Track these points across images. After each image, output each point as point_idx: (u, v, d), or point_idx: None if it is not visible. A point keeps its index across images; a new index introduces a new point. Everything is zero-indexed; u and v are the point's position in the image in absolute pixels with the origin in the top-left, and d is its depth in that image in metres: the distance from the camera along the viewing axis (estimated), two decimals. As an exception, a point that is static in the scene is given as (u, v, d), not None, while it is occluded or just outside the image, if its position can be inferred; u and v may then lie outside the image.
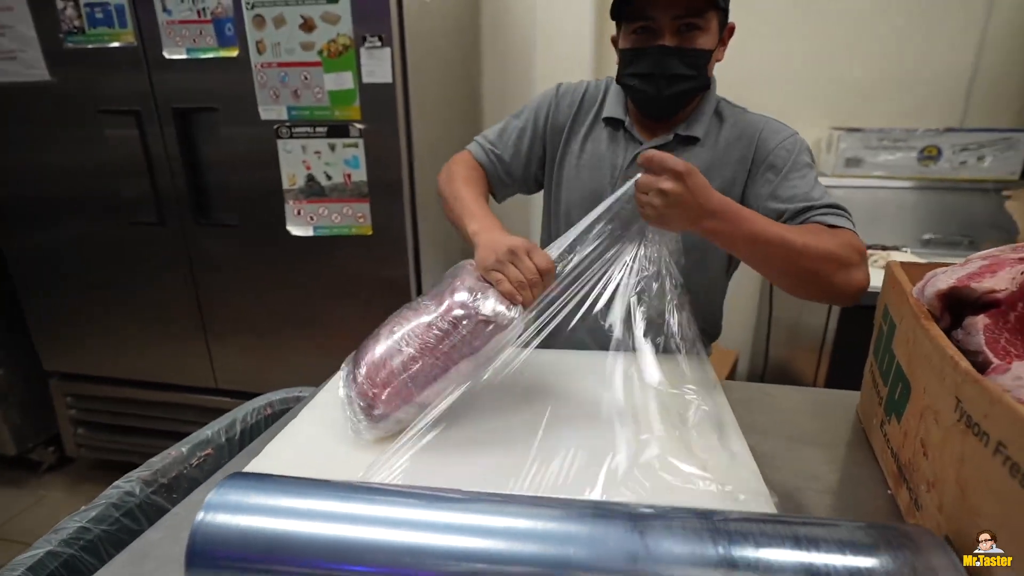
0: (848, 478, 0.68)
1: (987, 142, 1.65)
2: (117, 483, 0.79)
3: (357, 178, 1.40)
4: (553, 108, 1.00)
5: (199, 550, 0.40)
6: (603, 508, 0.45)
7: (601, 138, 0.97)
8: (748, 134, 0.91)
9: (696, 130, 0.91)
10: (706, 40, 0.84)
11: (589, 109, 0.99)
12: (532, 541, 0.42)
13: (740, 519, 0.44)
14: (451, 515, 0.43)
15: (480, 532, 0.42)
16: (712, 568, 0.40)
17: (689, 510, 0.45)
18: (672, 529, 0.42)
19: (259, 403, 1.03)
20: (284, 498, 0.44)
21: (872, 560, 0.39)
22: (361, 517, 0.43)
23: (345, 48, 1.30)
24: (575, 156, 0.98)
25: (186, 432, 1.85)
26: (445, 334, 0.64)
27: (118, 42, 1.42)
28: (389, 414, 0.64)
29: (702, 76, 0.87)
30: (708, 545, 0.41)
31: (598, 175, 0.96)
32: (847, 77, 1.83)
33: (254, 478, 0.46)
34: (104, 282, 1.68)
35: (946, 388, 0.46)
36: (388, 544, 0.41)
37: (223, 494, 0.43)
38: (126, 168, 1.53)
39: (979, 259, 0.56)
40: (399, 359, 0.65)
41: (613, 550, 0.41)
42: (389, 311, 1.51)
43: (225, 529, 0.41)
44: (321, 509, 0.43)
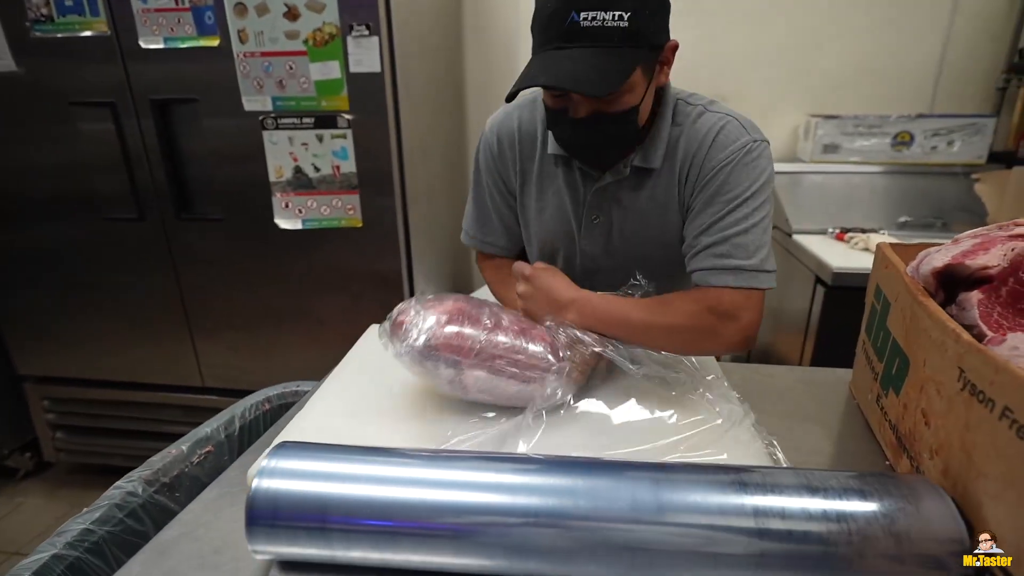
0: (846, 451, 0.71)
1: (956, 127, 1.72)
2: (119, 483, 0.78)
3: (346, 169, 1.39)
4: (497, 161, 0.92)
5: (257, 512, 0.46)
6: (629, 465, 0.49)
7: (556, 175, 0.89)
8: (700, 145, 0.80)
9: (652, 161, 0.82)
10: (630, 98, 0.73)
11: (531, 144, 0.89)
12: (570, 496, 0.45)
13: (756, 470, 0.48)
14: (498, 475, 0.47)
15: (522, 490, 0.46)
16: (741, 516, 0.44)
17: (706, 465, 0.49)
18: (695, 482, 0.46)
19: (257, 398, 1.01)
20: (329, 463, 0.49)
21: (873, 503, 0.44)
22: (402, 479, 0.47)
23: (331, 37, 1.28)
24: (534, 199, 0.92)
25: (172, 432, 1.83)
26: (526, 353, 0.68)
27: (90, 31, 1.37)
28: (438, 355, 0.65)
29: (629, 133, 0.78)
30: (733, 495, 0.45)
31: (562, 216, 0.90)
32: (822, 66, 1.88)
33: (300, 446, 0.51)
34: (80, 281, 1.63)
35: (948, 360, 0.49)
36: (427, 503, 0.46)
37: (274, 461, 0.48)
38: (101, 162, 1.48)
39: (969, 238, 0.59)
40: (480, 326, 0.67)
41: (643, 502, 0.45)
42: (380, 304, 1.52)
43: (277, 493, 0.46)
44: (364, 472, 0.48)
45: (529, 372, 0.67)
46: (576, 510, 0.45)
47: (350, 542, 0.46)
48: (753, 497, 0.45)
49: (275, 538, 0.47)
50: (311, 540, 0.46)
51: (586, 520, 0.45)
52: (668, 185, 0.84)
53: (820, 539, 0.43)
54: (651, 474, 0.47)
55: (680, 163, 0.82)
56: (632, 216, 0.87)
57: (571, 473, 0.47)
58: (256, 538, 0.47)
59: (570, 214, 0.90)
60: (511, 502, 0.45)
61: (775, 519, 0.44)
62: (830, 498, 0.45)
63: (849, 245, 1.54)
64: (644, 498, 0.45)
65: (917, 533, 0.43)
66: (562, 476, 0.47)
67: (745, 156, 0.77)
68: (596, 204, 0.87)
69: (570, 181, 0.88)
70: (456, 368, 0.65)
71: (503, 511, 0.45)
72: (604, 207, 0.87)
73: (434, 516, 0.45)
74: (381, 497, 0.46)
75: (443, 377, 0.66)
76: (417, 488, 0.47)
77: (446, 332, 0.65)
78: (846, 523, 0.44)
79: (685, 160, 0.82)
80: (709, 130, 0.80)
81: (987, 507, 0.43)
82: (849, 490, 0.46)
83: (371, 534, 0.46)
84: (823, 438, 0.73)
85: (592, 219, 0.88)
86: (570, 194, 0.89)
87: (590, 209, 0.88)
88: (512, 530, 0.45)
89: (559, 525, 0.45)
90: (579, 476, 0.47)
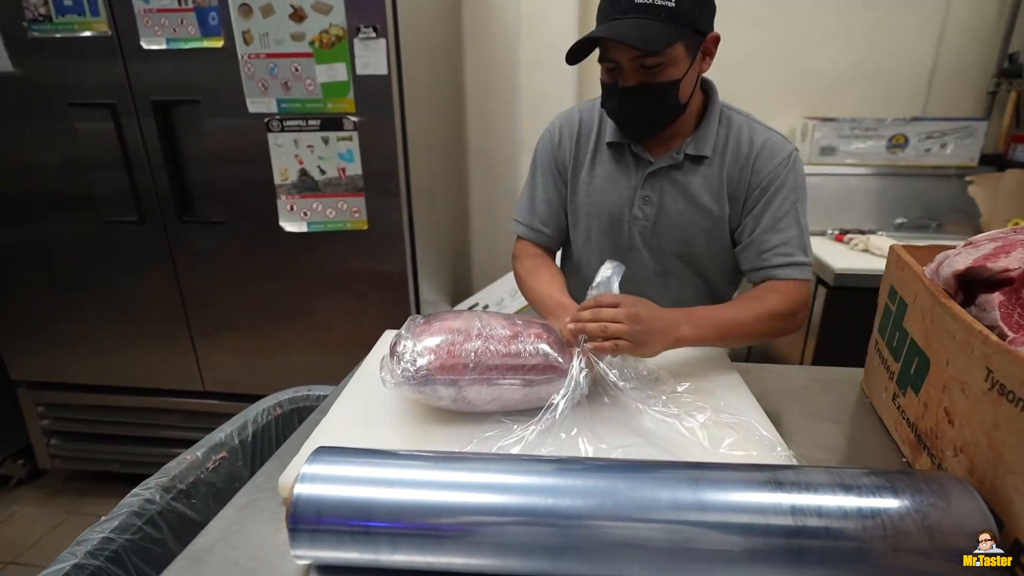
0: (863, 448, 0.72)
1: (949, 130, 1.76)
2: (136, 491, 0.77)
3: (352, 172, 1.38)
4: (556, 148, 1.01)
5: (300, 517, 0.46)
6: (666, 465, 0.50)
7: (608, 161, 0.98)
8: (750, 151, 0.92)
9: (704, 148, 0.92)
10: (673, 71, 0.83)
11: (589, 135, 0.99)
12: (612, 496, 0.46)
13: (790, 468, 0.49)
14: (541, 478, 0.48)
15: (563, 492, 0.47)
16: (778, 514, 0.45)
17: (740, 465, 0.50)
18: (732, 482, 0.47)
19: (268, 403, 1.01)
20: (369, 467, 0.49)
21: (903, 500, 0.45)
22: (440, 483, 0.48)
23: (338, 39, 1.27)
24: (586, 183, 0.99)
25: (172, 437, 1.81)
26: (522, 359, 0.67)
27: (90, 31, 1.35)
28: (433, 379, 0.65)
29: (671, 106, 0.87)
30: (768, 493, 0.46)
31: (613, 199, 0.97)
32: (818, 69, 1.91)
33: (338, 451, 0.51)
34: (78, 283, 1.60)
35: (974, 361, 0.50)
36: (472, 505, 0.46)
37: (315, 466, 0.49)
38: (101, 164, 1.46)
39: (988, 240, 0.60)
40: (471, 342, 0.67)
41: (683, 500, 0.46)
42: (386, 307, 1.53)
43: (320, 498, 0.47)
44: (406, 476, 0.48)
45: (531, 375, 0.67)
46: (618, 510, 0.46)
47: (395, 546, 0.46)
48: (789, 495, 0.46)
49: (318, 542, 0.47)
50: (355, 544, 0.47)
51: (629, 520, 0.45)
52: (718, 176, 0.93)
53: (855, 535, 0.44)
54: (689, 473, 0.48)
55: (730, 161, 0.92)
56: (682, 199, 0.95)
57: (613, 474, 0.48)
58: (299, 543, 0.47)
59: (623, 195, 0.97)
60: (556, 503, 0.46)
61: (812, 517, 0.45)
62: (864, 495, 0.46)
63: (849, 246, 1.57)
64: (685, 498, 0.46)
65: (949, 527, 0.44)
66: (605, 477, 0.48)
67: (794, 164, 0.91)
68: (649, 185, 0.95)
69: (624, 165, 0.97)
70: (455, 387, 0.66)
71: (548, 513, 0.46)
72: (656, 187, 0.95)
73: (479, 519, 0.46)
74: (426, 501, 0.46)
75: (445, 398, 0.67)
76: (461, 492, 0.47)
77: (437, 355, 0.65)
78: (880, 519, 0.45)
79: (735, 160, 0.92)
80: (757, 138, 0.92)
81: (1018, 503, 0.44)
82: (881, 487, 0.47)
83: (416, 537, 0.46)
84: (839, 435, 0.75)
85: (643, 198, 0.96)
86: (623, 178, 0.97)
87: (642, 189, 0.96)
88: (558, 531, 0.45)
89: (605, 524, 0.45)
90: (620, 477, 0.48)
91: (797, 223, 0.91)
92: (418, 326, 0.69)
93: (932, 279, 0.63)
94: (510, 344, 0.68)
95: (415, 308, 1.55)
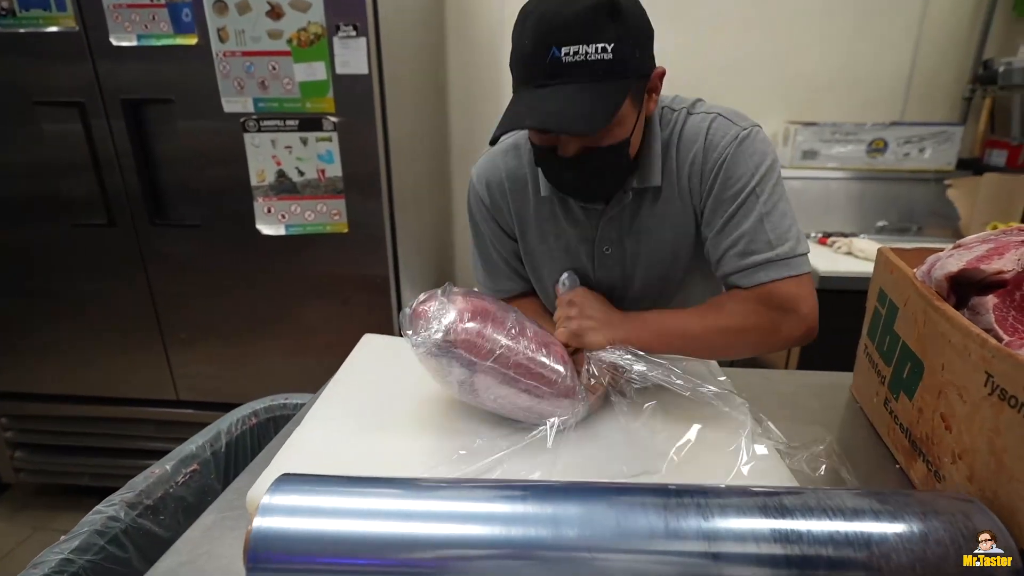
0: (854, 454, 0.70)
1: (927, 135, 1.78)
2: (99, 507, 0.73)
3: (331, 173, 1.35)
4: (491, 209, 0.89)
5: (259, 554, 0.42)
6: (666, 491, 0.46)
7: (556, 215, 0.85)
8: (697, 149, 0.77)
9: (652, 178, 0.79)
10: (620, 131, 0.70)
11: (523, 189, 0.86)
12: (593, 526, 0.43)
13: (788, 494, 0.46)
14: (511, 505, 0.44)
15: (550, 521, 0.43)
16: (772, 542, 0.41)
17: (738, 488, 0.47)
18: (729, 508, 0.44)
19: (243, 412, 0.96)
20: (334, 497, 0.44)
21: (927, 528, 0.42)
22: (415, 513, 0.43)
23: (317, 37, 1.24)
24: (538, 243, 0.88)
25: (145, 448, 1.74)
26: (542, 366, 0.66)
27: (56, 27, 1.29)
28: (454, 352, 0.62)
29: (623, 164, 0.74)
30: (763, 519, 0.43)
31: (572, 255, 0.87)
32: (800, 74, 1.93)
33: (302, 479, 0.46)
34: (44, 289, 1.54)
35: (972, 365, 0.49)
36: (440, 537, 0.42)
37: (275, 497, 0.44)
38: (69, 165, 1.40)
39: (979, 243, 0.60)
40: (503, 331, 0.65)
41: (686, 530, 0.42)
42: (367, 312, 1.49)
43: (280, 532, 0.42)
44: (372, 507, 0.44)
45: (544, 387, 0.65)
46: (606, 541, 0.42)
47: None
48: (789, 522, 0.43)
49: None
50: None
51: (620, 552, 0.42)
52: (672, 198, 0.80)
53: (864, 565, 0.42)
54: (696, 499, 0.45)
55: (678, 173, 0.79)
56: (644, 239, 0.84)
57: (597, 501, 0.45)
58: None
59: (580, 252, 0.86)
60: (542, 534, 0.42)
61: (817, 546, 0.42)
62: (874, 520, 0.43)
63: (832, 249, 1.57)
64: (683, 526, 0.43)
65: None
66: (587, 504, 0.44)
67: (740, 146, 0.74)
68: (605, 236, 0.84)
69: (572, 219, 0.84)
70: (470, 369, 0.63)
71: (530, 544, 0.42)
72: (613, 237, 0.84)
73: (458, 552, 0.42)
74: (400, 534, 0.43)
75: (455, 376, 0.64)
76: (437, 523, 0.43)
77: (467, 328, 0.62)
78: (886, 551, 0.42)
79: (682, 169, 0.79)
80: (698, 133, 0.77)
81: (1023, 511, 0.43)
82: (890, 513, 0.43)
83: (394, 574, 0.42)
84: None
85: (604, 251, 0.85)
86: (576, 232, 0.85)
87: (600, 242, 0.84)
88: (550, 563, 0.42)
89: (593, 556, 0.42)
90: (605, 503, 0.44)
91: (757, 212, 0.73)
92: (454, 294, 0.66)
93: (924, 282, 0.62)
94: (539, 350, 0.66)
95: (397, 313, 1.52)
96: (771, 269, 0.72)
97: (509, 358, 0.63)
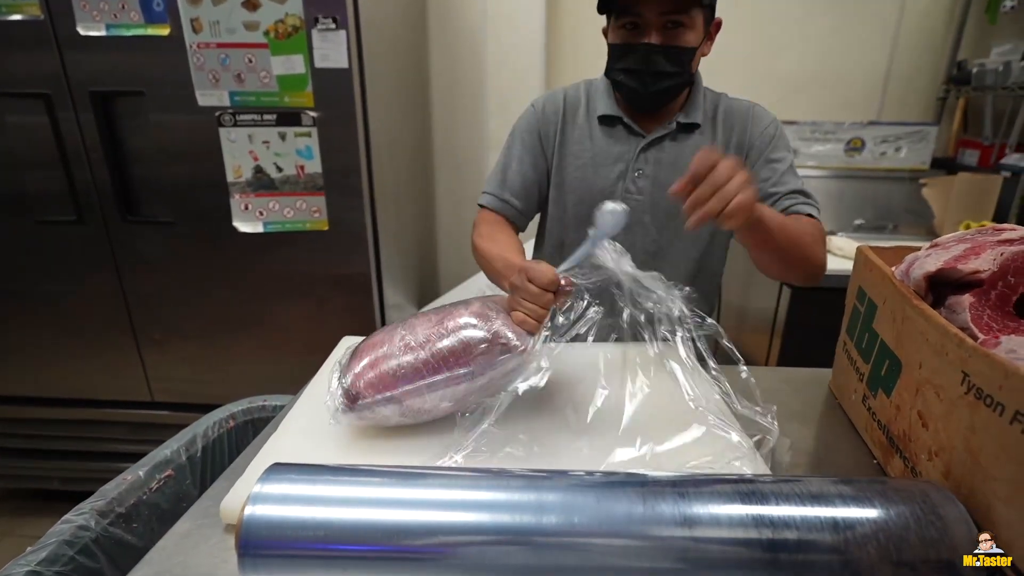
0: (834, 450, 0.72)
1: (903, 135, 1.82)
2: (67, 516, 0.70)
3: (311, 170, 1.32)
4: (540, 122, 1.00)
5: (251, 540, 0.42)
6: (642, 478, 0.47)
7: (598, 136, 0.97)
8: (739, 118, 0.96)
9: (695, 116, 0.95)
10: (691, 37, 0.86)
11: (575, 111, 0.99)
12: (575, 513, 0.43)
13: (766, 482, 0.47)
14: (499, 493, 0.44)
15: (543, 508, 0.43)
16: (749, 527, 0.42)
17: (716, 477, 0.48)
18: (709, 494, 0.45)
19: (220, 415, 0.94)
20: (328, 486, 0.45)
21: (889, 510, 0.43)
22: (404, 500, 0.44)
23: (295, 30, 1.21)
24: (574, 158, 0.98)
25: (118, 451, 1.69)
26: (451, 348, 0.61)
27: (20, 15, 1.24)
28: (367, 402, 0.61)
29: (686, 72, 0.89)
30: (741, 506, 0.44)
31: (605, 172, 0.97)
32: (778, 73, 1.95)
33: (293, 468, 0.46)
34: (10, 289, 1.48)
35: (948, 363, 0.50)
36: (431, 524, 0.43)
37: (267, 486, 0.44)
38: (33, 159, 1.35)
39: (957, 242, 0.60)
40: (395, 351, 0.62)
41: (665, 515, 0.43)
42: (348, 312, 1.46)
43: (271, 520, 0.43)
44: (362, 495, 0.44)
45: (464, 368, 0.61)
46: (602, 527, 0.43)
47: (359, 570, 0.42)
48: (764, 507, 0.44)
49: (273, 568, 0.42)
50: (315, 570, 0.42)
51: (617, 537, 0.42)
52: (710, 141, 0.96)
53: (834, 548, 0.43)
54: (674, 488, 0.45)
55: (721, 127, 0.96)
56: (676, 170, 0.94)
57: (594, 490, 0.45)
58: (252, 569, 0.42)
59: (615, 169, 0.97)
60: (538, 521, 0.43)
61: (789, 530, 0.43)
62: (843, 505, 0.44)
63: (811, 246, 1.59)
64: (669, 511, 0.44)
65: (932, 538, 0.43)
66: (584, 492, 0.45)
67: (780, 128, 0.97)
68: (642, 158, 0.96)
69: (616, 138, 0.97)
70: (395, 402, 0.62)
71: (529, 531, 0.43)
72: (650, 160, 0.96)
73: (455, 539, 0.42)
74: (392, 521, 0.43)
75: (393, 417, 0.63)
76: (435, 510, 0.44)
77: (358, 373, 0.62)
78: (860, 530, 0.43)
79: (726, 125, 0.96)
80: (745, 109, 0.97)
81: (997, 510, 0.44)
82: (858, 498, 0.45)
83: (384, 560, 0.42)
84: (809, 437, 0.74)
85: (636, 174, 0.96)
86: (616, 151, 0.97)
87: (636, 163, 0.96)
88: (538, 550, 0.42)
89: (589, 542, 0.42)
90: (602, 492, 0.45)
91: (798, 178, 0.94)
92: (347, 358, 0.66)
93: (902, 280, 0.63)
94: (431, 339, 0.62)
95: (379, 312, 1.49)
96: (809, 207, 0.92)
97: (412, 365, 0.61)
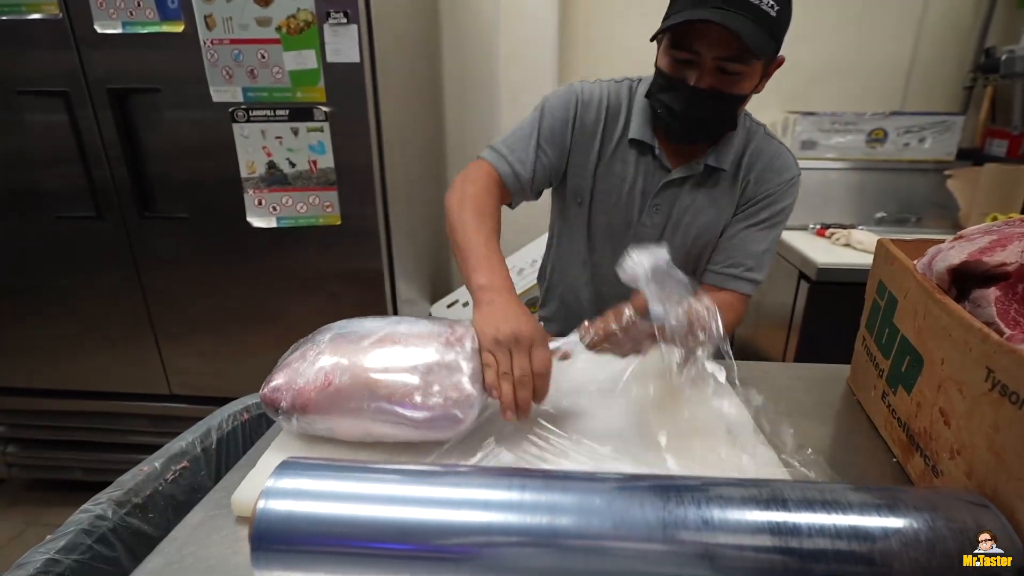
0: (852, 448, 0.70)
1: (927, 125, 1.76)
2: (85, 506, 0.71)
3: (323, 165, 1.32)
4: (580, 110, 0.91)
5: (263, 536, 0.42)
6: (663, 480, 0.46)
7: (628, 160, 0.92)
8: (761, 163, 0.91)
9: (724, 162, 0.89)
10: (745, 85, 0.79)
11: (615, 122, 0.91)
12: (592, 515, 0.42)
13: (786, 486, 0.45)
14: (515, 493, 0.44)
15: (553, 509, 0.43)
16: (769, 534, 0.41)
17: (735, 480, 0.46)
18: (728, 500, 0.43)
19: (235, 408, 0.95)
20: (341, 481, 0.45)
21: (921, 519, 0.41)
22: (418, 499, 0.43)
23: (307, 24, 1.21)
24: (602, 174, 0.93)
25: (137, 443, 1.73)
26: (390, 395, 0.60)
27: (39, 14, 1.26)
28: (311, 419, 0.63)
29: (731, 120, 0.84)
30: (761, 512, 0.42)
31: (628, 202, 0.93)
32: (799, 63, 1.90)
33: (306, 464, 0.46)
34: (31, 284, 1.51)
35: (972, 360, 0.48)
36: (447, 524, 0.42)
37: (281, 481, 0.44)
38: (53, 157, 1.37)
39: (982, 234, 0.58)
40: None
41: (686, 519, 0.42)
42: (361, 306, 1.47)
43: (284, 515, 0.42)
44: (375, 492, 0.44)
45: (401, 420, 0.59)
46: (629, 529, 0.42)
47: (370, 565, 0.42)
48: (792, 514, 0.42)
49: (286, 562, 0.42)
50: (330, 565, 0.42)
51: (641, 541, 0.41)
52: (729, 188, 0.92)
53: (869, 558, 0.41)
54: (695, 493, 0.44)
55: (743, 171, 0.91)
56: (691, 211, 0.93)
57: (622, 492, 0.44)
58: (264, 562, 0.42)
59: (636, 199, 0.93)
60: (549, 522, 0.42)
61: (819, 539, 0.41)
62: (880, 515, 0.42)
63: (831, 241, 1.56)
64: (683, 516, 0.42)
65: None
66: (591, 494, 0.44)
67: (791, 188, 0.92)
68: (662, 194, 0.92)
69: (642, 169, 0.92)
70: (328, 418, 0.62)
71: (550, 532, 0.42)
72: (668, 198, 0.93)
73: (479, 539, 0.42)
74: (407, 519, 0.42)
75: (337, 431, 0.63)
76: (442, 508, 0.43)
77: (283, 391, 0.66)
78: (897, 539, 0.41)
79: (747, 170, 0.91)
80: (772, 153, 0.91)
81: (1022, 510, 0.42)
82: (891, 506, 0.43)
83: (402, 560, 0.42)
84: (826, 435, 0.73)
85: (653, 207, 0.93)
86: (640, 181, 0.92)
87: (655, 197, 0.93)
88: (559, 551, 0.41)
89: (594, 545, 0.41)
90: (628, 495, 0.44)
91: (769, 239, 0.93)
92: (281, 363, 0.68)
93: (924, 274, 0.61)
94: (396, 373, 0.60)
95: (391, 307, 1.50)
96: (750, 286, 0.93)
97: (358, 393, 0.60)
